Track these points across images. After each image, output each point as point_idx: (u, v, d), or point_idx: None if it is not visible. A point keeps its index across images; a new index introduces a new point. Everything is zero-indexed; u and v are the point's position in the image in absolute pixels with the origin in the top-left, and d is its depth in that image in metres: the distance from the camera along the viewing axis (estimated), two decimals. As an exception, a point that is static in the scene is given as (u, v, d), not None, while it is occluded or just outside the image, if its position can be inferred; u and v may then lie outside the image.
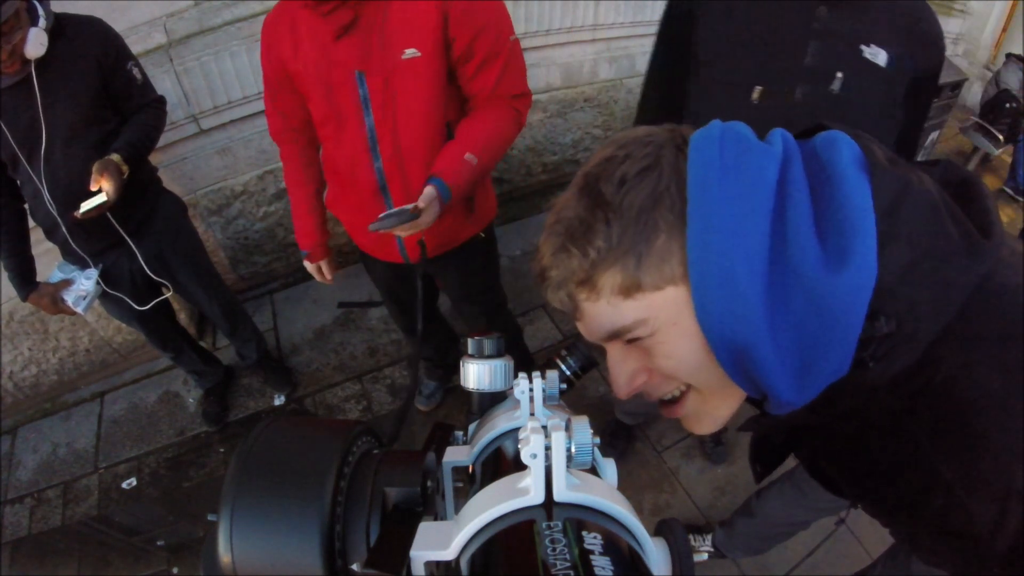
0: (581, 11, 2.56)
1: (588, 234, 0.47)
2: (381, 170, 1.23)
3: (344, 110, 1.18)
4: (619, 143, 0.50)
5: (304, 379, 2.37)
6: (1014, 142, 3.52)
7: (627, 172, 0.47)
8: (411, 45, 1.11)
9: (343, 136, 1.22)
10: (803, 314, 0.44)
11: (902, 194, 0.44)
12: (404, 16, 1.09)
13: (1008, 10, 4.15)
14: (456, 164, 1.16)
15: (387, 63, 1.12)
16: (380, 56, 1.11)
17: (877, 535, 0.73)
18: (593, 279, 0.48)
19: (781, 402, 0.47)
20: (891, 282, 0.43)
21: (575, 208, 0.49)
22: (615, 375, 0.54)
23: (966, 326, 0.44)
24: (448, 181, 1.15)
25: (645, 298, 0.47)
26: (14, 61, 1.29)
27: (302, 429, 0.34)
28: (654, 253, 0.46)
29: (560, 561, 0.25)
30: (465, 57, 1.15)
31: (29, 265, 1.58)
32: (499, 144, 1.24)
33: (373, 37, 1.10)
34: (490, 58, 1.16)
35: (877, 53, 0.95)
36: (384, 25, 1.10)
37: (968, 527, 0.46)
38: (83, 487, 2.16)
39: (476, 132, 1.20)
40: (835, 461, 0.63)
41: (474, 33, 1.12)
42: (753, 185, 0.44)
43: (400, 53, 1.11)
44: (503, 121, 1.23)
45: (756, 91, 1.00)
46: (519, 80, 1.24)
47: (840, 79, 0.96)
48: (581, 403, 2.15)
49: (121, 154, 1.43)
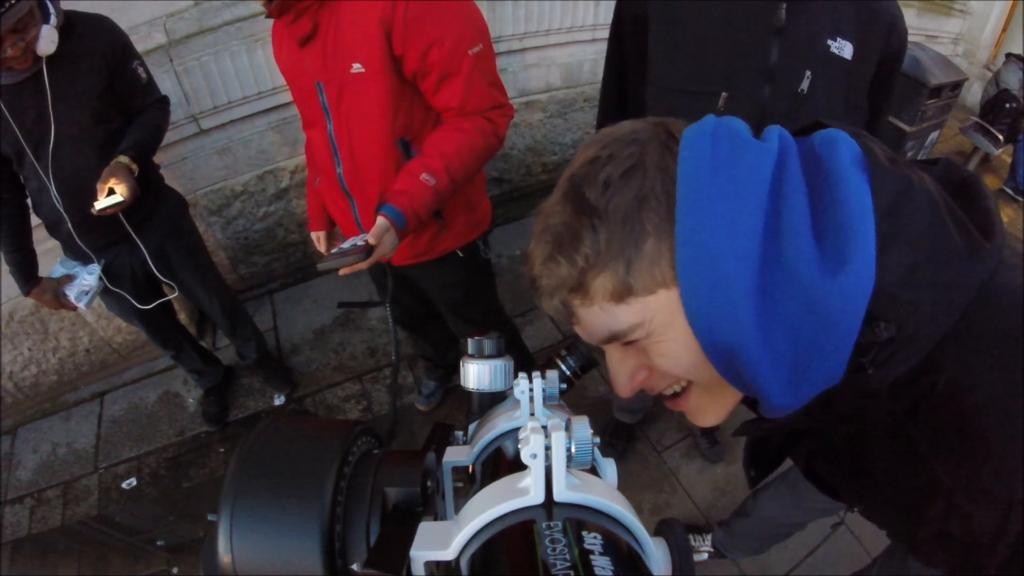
0: (581, 11, 2.56)
1: (575, 241, 0.46)
2: (342, 177, 1.25)
3: (314, 116, 1.22)
4: (602, 142, 0.48)
5: (304, 379, 2.37)
6: (1014, 142, 3.52)
7: (611, 175, 0.45)
8: (357, 60, 1.08)
9: (315, 136, 1.26)
10: (797, 317, 0.42)
11: (903, 194, 0.43)
12: (351, 29, 1.06)
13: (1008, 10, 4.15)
14: (412, 187, 1.10)
15: (338, 76, 1.11)
16: (332, 68, 1.11)
17: (877, 535, 0.73)
18: (584, 286, 0.47)
19: (773, 406, 0.47)
20: (891, 286, 0.42)
21: (561, 214, 0.47)
22: (616, 374, 0.53)
23: (968, 330, 0.42)
24: (401, 206, 1.09)
25: (638, 302, 0.46)
26: (26, 57, 1.31)
27: (302, 429, 0.34)
28: (643, 257, 0.45)
29: (560, 561, 0.25)
30: (421, 73, 1.10)
31: (31, 260, 1.59)
32: (468, 160, 1.16)
33: (328, 48, 1.09)
34: (448, 75, 1.10)
35: (843, 46, 0.93)
36: (335, 37, 1.08)
37: (968, 533, 0.45)
38: (83, 487, 2.16)
39: (439, 150, 1.13)
40: (832, 464, 0.63)
41: (424, 48, 1.06)
42: (746, 183, 0.43)
43: (348, 67, 1.09)
44: (472, 135, 1.15)
45: (721, 98, 0.96)
46: (486, 95, 1.16)
47: (808, 77, 0.93)
48: (581, 403, 2.15)
49: (130, 154, 1.45)
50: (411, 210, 1.10)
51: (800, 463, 0.70)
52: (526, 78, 2.68)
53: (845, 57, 0.93)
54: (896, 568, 1.04)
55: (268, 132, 2.29)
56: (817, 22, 0.92)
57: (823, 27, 0.92)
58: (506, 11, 2.38)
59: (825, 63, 0.93)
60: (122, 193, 1.38)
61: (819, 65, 0.93)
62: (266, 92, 2.18)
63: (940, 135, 3.47)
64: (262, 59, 2.09)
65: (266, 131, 2.29)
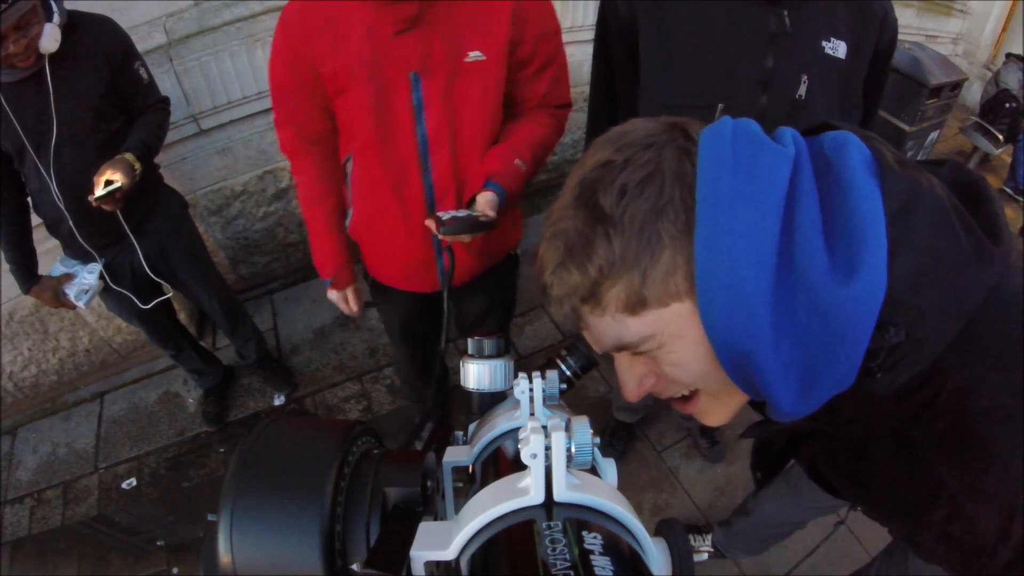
0: (581, 11, 2.56)
1: (588, 250, 0.45)
2: (431, 186, 1.10)
3: (393, 117, 1.05)
4: (616, 145, 0.47)
5: (304, 379, 2.37)
6: (1014, 142, 3.52)
7: (627, 182, 0.44)
8: (477, 47, 1.01)
9: (389, 147, 1.07)
10: (808, 324, 0.42)
11: (913, 199, 0.42)
12: (473, 15, 1.00)
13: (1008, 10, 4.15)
14: (509, 169, 1.08)
15: (448, 65, 1.01)
16: (441, 57, 1.00)
17: (877, 535, 0.73)
18: (596, 296, 0.46)
19: (783, 411, 0.46)
20: (901, 291, 0.41)
21: (573, 220, 0.46)
22: (624, 380, 0.53)
23: (975, 334, 0.42)
24: (504, 185, 1.06)
25: (651, 315, 0.45)
26: (29, 55, 1.31)
27: (302, 429, 0.34)
28: (658, 268, 0.44)
29: (560, 561, 0.25)
30: (525, 61, 1.08)
31: (31, 259, 1.59)
32: (543, 153, 1.16)
33: (435, 35, 0.99)
34: (547, 64, 1.10)
35: (837, 46, 0.91)
36: (451, 22, 0.99)
37: (971, 535, 0.45)
38: (83, 487, 2.15)
39: (525, 137, 1.12)
40: (836, 466, 0.62)
41: (539, 36, 1.05)
42: (766, 188, 0.42)
43: (464, 54, 1.01)
44: (548, 129, 1.17)
45: (718, 110, 0.93)
46: (567, 88, 1.18)
47: (805, 82, 0.91)
48: (581, 403, 2.15)
49: (135, 152, 1.45)
50: (508, 191, 1.08)
51: (804, 464, 0.70)
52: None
53: (839, 57, 0.92)
54: (895, 567, 1.04)
55: (268, 132, 2.29)
56: (813, 25, 0.90)
57: (818, 29, 0.91)
58: (506, 11, 2.38)
59: (821, 65, 0.91)
60: (119, 179, 1.37)
61: (815, 68, 0.91)
62: (266, 92, 2.18)
63: (940, 135, 3.47)
64: (262, 59, 2.09)
65: (266, 131, 2.29)
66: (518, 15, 1.01)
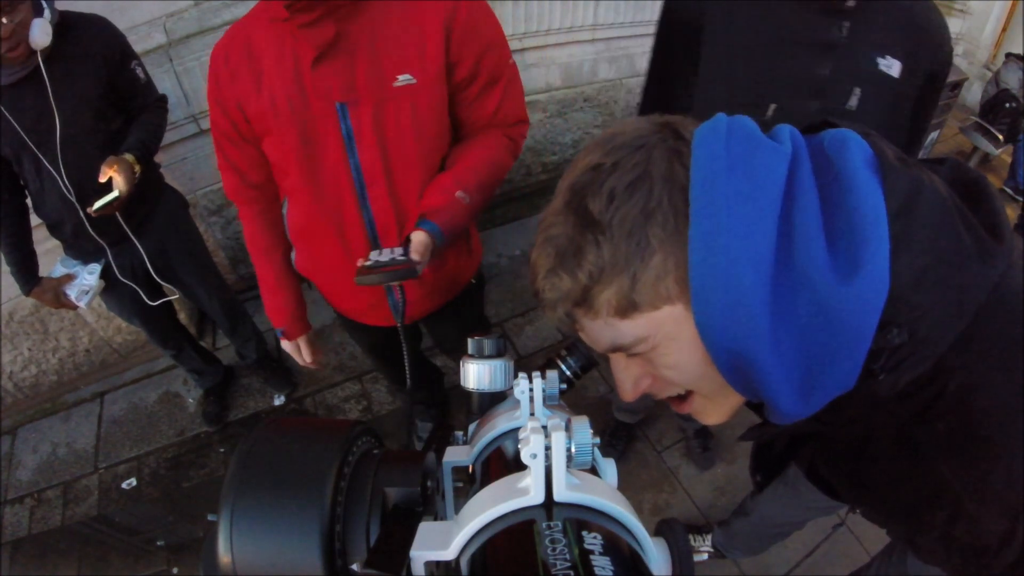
0: (581, 11, 2.56)
1: (578, 255, 0.45)
2: (372, 221, 1.04)
3: (323, 151, 0.98)
4: (605, 148, 0.46)
5: (304, 379, 2.36)
6: (1014, 142, 3.52)
7: (615, 186, 0.43)
8: (405, 70, 0.94)
9: (322, 185, 1.01)
10: (809, 324, 0.41)
11: (914, 196, 0.42)
12: (399, 36, 0.93)
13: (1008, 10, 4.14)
14: (448, 203, 1.00)
15: (375, 92, 0.94)
16: (366, 83, 0.93)
17: (876, 535, 0.73)
18: (588, 300, 0.46)
19: (783, 413, 0.46)
20: (904, 290, 0.40)
21: (563, 226, 0.46)
22: (620, 381, 0.53)
23: (978, 334, 0.42)
24: (442, 223, 0.98)
25: (643, 317, 0.45)
26: (18, 44, 1.26)
27: (302, 429, 0.34)
28: (648, 273, 0.43)
29: (560, 561, 0.25)
30: (468, 80, 1.00)
31: (32, 260, 1.59)
32: (494, 180, 1.07)
33: (358, 61, 0.92)
34: (494, 80, 1.02)
35: (891, 64, 0.92)
36: (374, 45, 0.92)
37: (974, 536, 0.45)
38: (83, 487, 2.15)
39: (470, 165, 1.03)
40: (836, 467, 0.62)
41: (480, 52, 0.97)
42: (762, 185, 0.42)
43: (392, 79, 0.94)
44: (499, 152, 1.07)
45: (771, 108, 0.94)
46: (519, 106, 1.10)
47: (858, 95, 0.92)
48: (581, 403, 2.15)
49: (135, 153, 1.44)
50: (448, 228, 0.99)
51: (803, 466, 0.70)
52: (526, 78, 2.65)
53: (893, 75, 0.92)
54: (894, 568, 1.04)
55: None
56: (869, 39, 0.92)
57: (874, 44, 0.92)
58: (506, 11, 2.37)
59: (874, 81, 0.92)
60: (119, 185, 1.37)
61: (868, 83, 0.92)
62: (266, 92, 2.18)
63: (940, 135, 3.47)
64: (262, 59, 2.09)
65: (266, 131, 2.29)
66: (452, 31, 0.94)
